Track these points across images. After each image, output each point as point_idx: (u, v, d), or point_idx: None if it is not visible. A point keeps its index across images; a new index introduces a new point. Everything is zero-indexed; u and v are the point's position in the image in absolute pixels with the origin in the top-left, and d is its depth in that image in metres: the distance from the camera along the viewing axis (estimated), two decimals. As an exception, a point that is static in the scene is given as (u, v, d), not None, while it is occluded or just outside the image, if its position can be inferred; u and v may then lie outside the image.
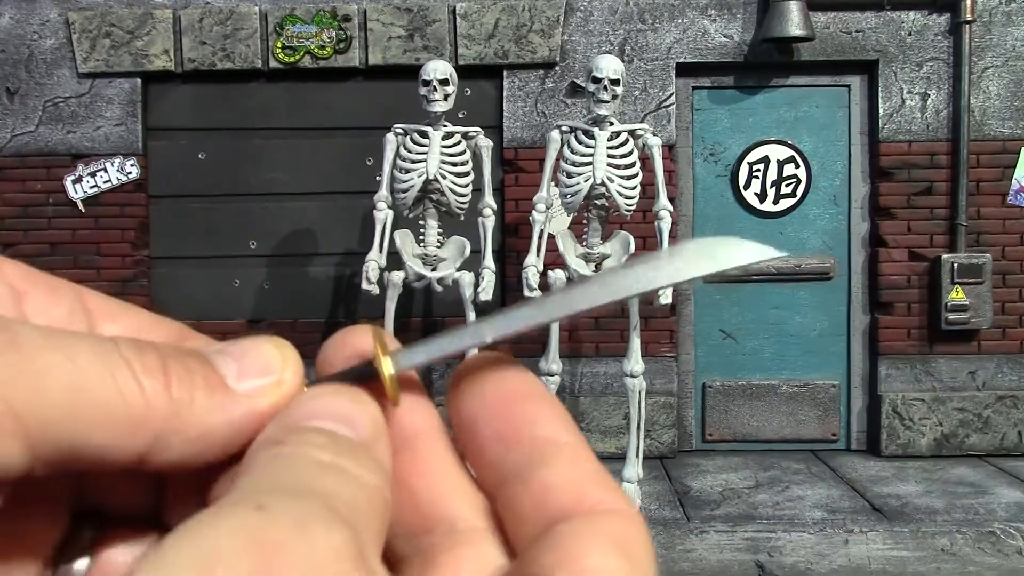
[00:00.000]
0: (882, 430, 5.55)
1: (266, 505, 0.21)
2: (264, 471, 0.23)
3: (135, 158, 5.57)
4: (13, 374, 0.22)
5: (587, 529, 0.25)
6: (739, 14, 5.55)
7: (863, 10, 5.53)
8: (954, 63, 5.52)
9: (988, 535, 4.22)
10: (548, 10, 5.52)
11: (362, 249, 4.92)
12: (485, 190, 4.53)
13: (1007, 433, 5.53)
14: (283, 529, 0.21)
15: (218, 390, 0.26)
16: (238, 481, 0.23)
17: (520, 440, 0.27)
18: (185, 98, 5.66)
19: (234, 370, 0.26)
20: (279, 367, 0.27)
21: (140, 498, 0.28)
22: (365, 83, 5.64)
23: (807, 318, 5.70)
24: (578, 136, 4.34)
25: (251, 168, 5.67)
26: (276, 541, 0.20)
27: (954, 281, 5.43)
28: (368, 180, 5.30)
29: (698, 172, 5.70)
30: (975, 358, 5.57)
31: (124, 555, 0.28)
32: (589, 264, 4.47)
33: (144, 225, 5.64)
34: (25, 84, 5.54)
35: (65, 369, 0.23)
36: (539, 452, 0.27)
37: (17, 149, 5.53)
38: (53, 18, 5.53)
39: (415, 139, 4.44)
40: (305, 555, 0.20)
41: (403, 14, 5.54)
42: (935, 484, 4.96)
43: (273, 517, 0.21)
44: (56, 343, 0.23)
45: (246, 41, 5.53)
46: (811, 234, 5.70)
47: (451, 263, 4.51)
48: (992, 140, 5.53)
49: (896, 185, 5.57)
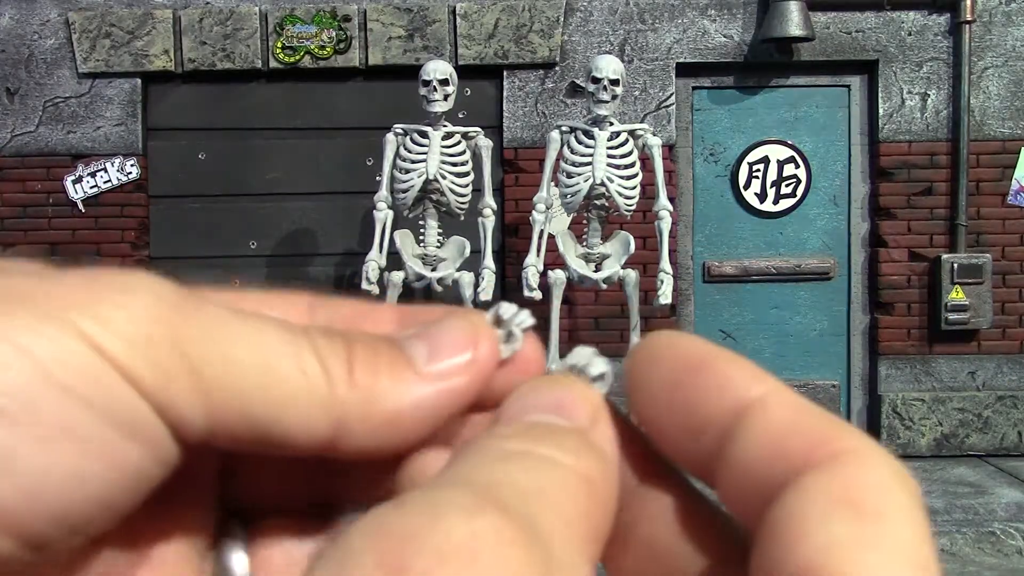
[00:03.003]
0: (882, 430, 5.55)
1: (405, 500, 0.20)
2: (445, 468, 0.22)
3: (135, 158, 5.57)
4: (199, 338, 0.22)
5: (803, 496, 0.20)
6: (739, 14, 5.55)
7: (863, 10, 5.53)
8: (954, 63, 5.52)
9: (988, 535, 4.22)
10: (548, 10, 5.52)
11: (362, 249, 4.92)
12: (485, 190, 4.53)
13: (1007, 433, 5.53)
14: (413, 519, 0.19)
15: (406, 374, 0.24)
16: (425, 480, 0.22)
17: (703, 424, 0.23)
18: (185, 98, 5.66)
19: (424, 352, 0.25)
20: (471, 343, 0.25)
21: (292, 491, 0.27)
22: (365, 83, 5.64)
23: (807, 318, 5.70)
24: (578, 136, 4.34)
25: (251, 168, 5.67)
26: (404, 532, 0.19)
27: (954, 281, 5.43)
28: (368, 180, 5.30)
29: (698, 172, 5.70)
30: (975, 358, 5.57)
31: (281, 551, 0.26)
32: (589, 264, 4.47)
33: (144, 225, 5.64)
34: (25, 84, 5.54)
35: (253, 343, 0.22)
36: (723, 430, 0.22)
37: (17, 149, 5.53)
38: (53, 18, 5.53)
39: (415, 139, 4.44)
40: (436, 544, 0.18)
41: (403, 14, 5.54)
42: (935, 484, 4.96)
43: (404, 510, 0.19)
44: (243, 317, 0.23)
45: (246, 41, 5.53)
46: (811, 234, 5.70)
47: (451, 263, 4.51)
48: (992, 140, 5.54)
49: (896, 185, 5.57)
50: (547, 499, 0.20)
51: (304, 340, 0.23)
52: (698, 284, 5.70)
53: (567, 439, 0.22)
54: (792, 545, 0.19)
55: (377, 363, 0.24)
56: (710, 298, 5.71)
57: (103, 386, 0.21)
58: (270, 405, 0.22)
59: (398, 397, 0.24)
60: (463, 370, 0.25)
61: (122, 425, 0.21)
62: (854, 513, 0.19)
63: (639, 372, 0.25)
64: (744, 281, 5.66)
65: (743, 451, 0.22)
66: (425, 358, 0.25)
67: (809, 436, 0.21)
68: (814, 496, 0.20)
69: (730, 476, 0.22)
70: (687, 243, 5.68)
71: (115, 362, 0.21)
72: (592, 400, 0.24)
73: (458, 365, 0.25)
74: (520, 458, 0.21)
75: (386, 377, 0.24)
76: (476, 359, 0.25)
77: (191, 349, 0.22)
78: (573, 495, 0.21)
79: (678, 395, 0.23)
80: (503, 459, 0.21)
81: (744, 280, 5.66)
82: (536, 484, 0.20)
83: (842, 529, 0.19)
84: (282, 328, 0.23)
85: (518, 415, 0.24)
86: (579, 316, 5.51)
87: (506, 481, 0.20)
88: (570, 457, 0.21)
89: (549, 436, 0.22)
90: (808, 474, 0.20)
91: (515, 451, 0.21)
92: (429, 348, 0.25)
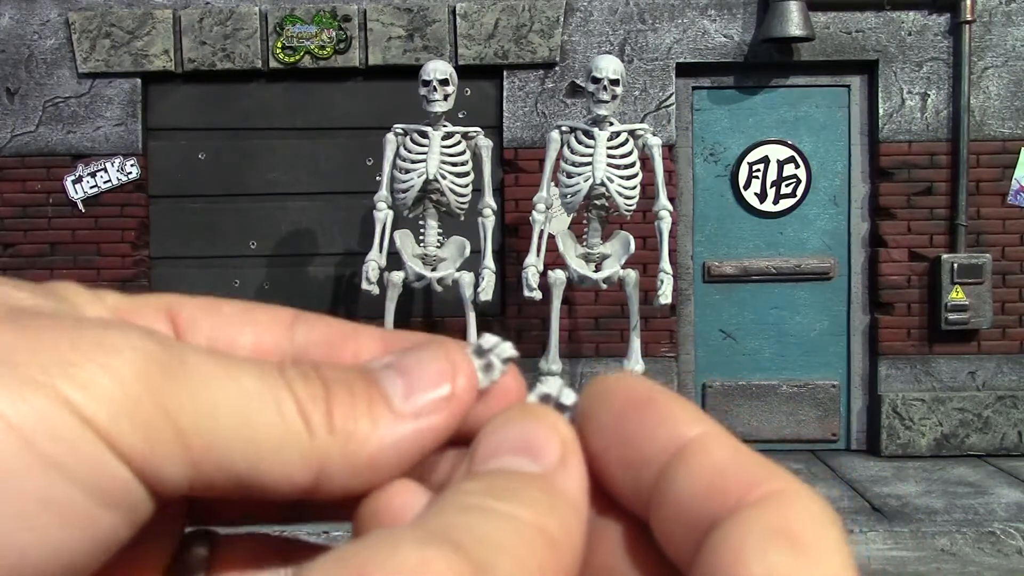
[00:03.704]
0: (882, 430, 5.55)
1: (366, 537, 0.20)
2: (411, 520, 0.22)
3: (135, 158, 5.57)
4: (180, 394, 0.21)
5: (737, 530, 0.21)
6: (739, 14, 5.55)
7: (863, 10, 5.53)
8: (954, 63, 5.52)
9: (988, 535, 4.22)
10: (548, 10, 5.52)
11: (362, 249, 4.92)
12: (485, 190, 4.53)
13: (1007, 433, 5.53)
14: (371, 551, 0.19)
15: (384, 413, 0.24)
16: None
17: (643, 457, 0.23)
18: (185, 98, 5.66)
19: (400, 388, 0.25)
20: (448, 377, 0.25)
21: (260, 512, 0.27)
22: (365, 83, 5.64)
23: (807, 318, 5.70)
24: (578, 136, 4.34)
25: (251, 168, 5.67)
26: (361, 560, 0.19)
27: (954, 281, 5.43)
28: (368, 180, 5.30)
29: (698, 172, 5.70)
30: (975, 358, 5.57)
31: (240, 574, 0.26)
32: (589, 264, 4.47)
33: (144, 225, 5.64)
34: (25, 84, 5.54)
35: (233, 394, 0.22)
36: (662, 465, 0.23)
37: (17, 149, 5.53)
38: (53, 18, 5.53)
39: (415, 139, 4.44)
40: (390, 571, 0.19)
41: (403, 14, 5.54)
42: (935, 484, 4.96)
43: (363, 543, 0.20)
44: (223, 366, 0.23)
45: (246, 41, 5.53)
46: (811, 234, 5.70)
47: (451, 263, 4.51)
48: (992, 140, 5.54)
49: (896, 185, 5.57)
50: (504, 550, 0.20)
51: (283, 387, 0.23)
52: (698, 284, 5.70)
53: (529, 491, 0.22)
54: (730, 573, 0.20)
55: (355, 404, 0.24)
56: (710, 298, 5.70)
57: (85, 456, 0.20)
58: (251, 457, 0.22)
59: (378, 440, 0.24)
60: (441, 406, 0.25)
61: (103, 494, 0.21)
62: (790, 544, 0.20)
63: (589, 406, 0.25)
64: (744, 281, 5.66)
65: (680, 486, 0.22)
66: (402, 394, 0.24)
67: (745, 476, 0.22)
68: (752, 529, 0.20)
69: (665, 510, 0.23)
70: (687, 243, 5.68)
71: (99, 430, 0.20)
72: (562, 435, 0.24)
73: (436, 401, 0.25)
74: (480, 512, 0.21)
75: (365, 419, 0.24)
76: (454, 394, 0.25)
77: (175, 408, 0.21)
78: (530, 549, 0.21)
79: (622, 429, 0.24)
80: (464, 511, 0.21)
81: (744, 280, 5.66)
82: (494, 535, 0.21)
83: (779, 559, 0.20)
84: (262, 374, 0.23)
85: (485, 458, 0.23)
86: (579, 316, 5.51)
87: (464, 527, 0.21)
88: (529, 512, 0.21)
89: (511, 489, 0.22)
90: (745, 510, 0.21)
91: (476, 505, 0.21)
92: (405, 383, 0.25)
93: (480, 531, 0.20)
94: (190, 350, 0.23)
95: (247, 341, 0.27)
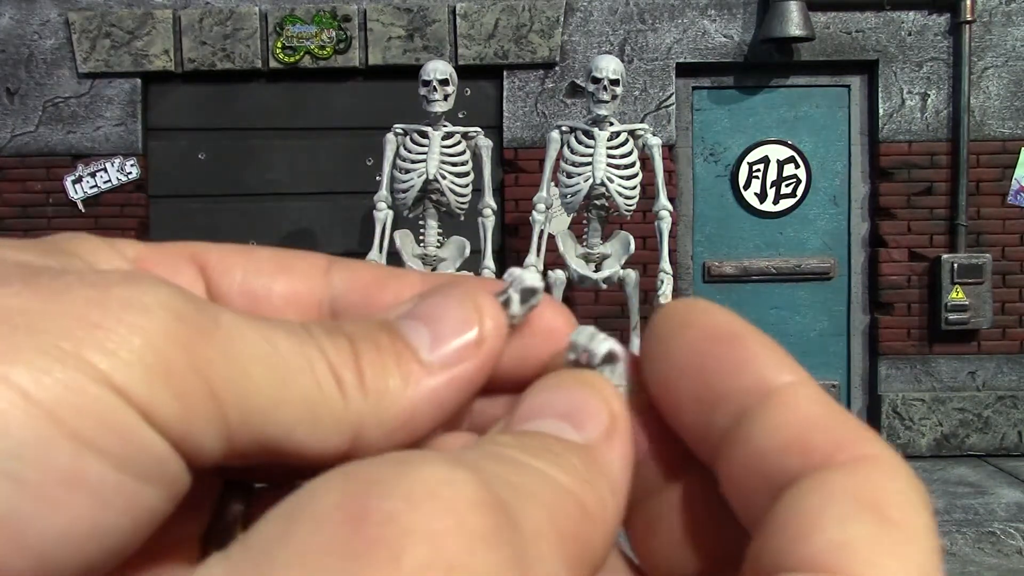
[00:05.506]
0: (882, 430, 5.55)
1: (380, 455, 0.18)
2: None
3: (135, 158, 5.57)
4: (216, 356, 0.20)
5: (819, 492, 0.19)
6: (739, 14, 5.55)
7: (863, 10, 5.53)
8: (954, 63, 5.52)
9: (988, 535, 4.22)
10: (548, 10, 5.52)
11: (362, 249, 4.92)
12: (485, 190, 4.53)
13: (1007, 433, 5.53)
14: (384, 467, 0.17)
15: (413, 369, 0.23)
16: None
17: (721, 396, 0.22)
18: (185, 98, 5.66)
19: (427, 339, 0.23)
20: (475, 321, 0.23)
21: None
22: (365, 83, 5.64)
23: (807, 318, 5.70)
24: (578, 136, 4.34)
25: (251, 168, 5.67)
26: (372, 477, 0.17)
27: (954, 281, 5.43)
28: (368, 180, 5.30)
29: (698, 172, 5.70)
30: (975, 358, 5.57)
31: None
32: (589, 264, 4.47)
33: (144, 225, 5.64)
34: (25, 84, 5.54)
35: (268, 356, 0.21)
36: (743, 409, 0.21)
37: (17, 149, 5.53)
38: (53, 18, 5.53)
39: (415, 139, 4.44)
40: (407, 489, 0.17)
41: (403, 14, 5.54)
42: (935, 484, 4.96)
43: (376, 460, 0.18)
44: (255, 326, 0.21)
45: (246, 41, 5.53)
46: (811, 234, 5.70)
47: (451, 263, 4.51)
48: (992, 140, 5.54)
49: (896, 185, 5.57)
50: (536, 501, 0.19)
51: (313, 347, 0.22)
52: (698, 284, 5.70)
53: (568, 457, 0.20)
54: (805, 536, 0.19)
55: (383, 361, 0.23)
56: (710, 298, 5.62)
57: (118, 428, 0.19)
58: (287, 423, 0.21)
59: (410, 396, 0.22)
60: (471, 352, 0.23)
61: (139, 469, 0.19)
62: (876, 517, 0.19)
63: (661, 333, 0.23)
64: (744, 281, 5.66)
65: (760, 434, 0.21)
66: (428, 344, 0.23)
67: (834, 435, 0.20)
68: (836, 493, 0.19)
69: (740, 457, 0.21)
70: (687, 243, 5.68)
71: (132, 399, 0.19)
72: (613, 408, 0.22)
73: (465, 347, 0.23)
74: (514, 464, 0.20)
75: (394, 376, 0.23)
76: (483, 337, 0.24)
77: (210, 371, 0.20)
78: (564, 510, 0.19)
79: (701, 363, 0.22)
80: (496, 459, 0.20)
81: (744, 280, 5.66)
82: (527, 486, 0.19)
83: (862, 530, 0.19)
84: (292, 335, 0.22)
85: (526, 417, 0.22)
86: (579, 316, 5.47)
87: (495, 472, 0.19)
88: (567, 477, 0.20)
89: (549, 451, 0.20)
90: (830, 471, 0.20)
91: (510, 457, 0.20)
92: (431, 332, 0.23)
93: (513, 479, 0.19)
94: (221, 309, 0.21)
95: (282, 288, 0.26)
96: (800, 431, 0.20)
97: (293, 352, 0.21)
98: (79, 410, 0.18)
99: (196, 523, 0.24)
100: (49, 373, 0.18)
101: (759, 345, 0.22)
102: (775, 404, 0.21)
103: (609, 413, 0.22)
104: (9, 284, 0.19)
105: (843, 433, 0.21)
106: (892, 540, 0.19)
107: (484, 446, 0.21)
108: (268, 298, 0.26)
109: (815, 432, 0.20)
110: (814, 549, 0.18)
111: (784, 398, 0.21)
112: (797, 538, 0.19)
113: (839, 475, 0.20)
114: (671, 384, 0.23)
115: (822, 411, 0.21)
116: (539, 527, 0.18)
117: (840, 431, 0.21)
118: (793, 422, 0.21)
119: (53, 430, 0.18)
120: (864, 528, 0.19)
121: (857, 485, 0.19)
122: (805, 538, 0.19)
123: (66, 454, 0.18)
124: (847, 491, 0.19)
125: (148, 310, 0.20)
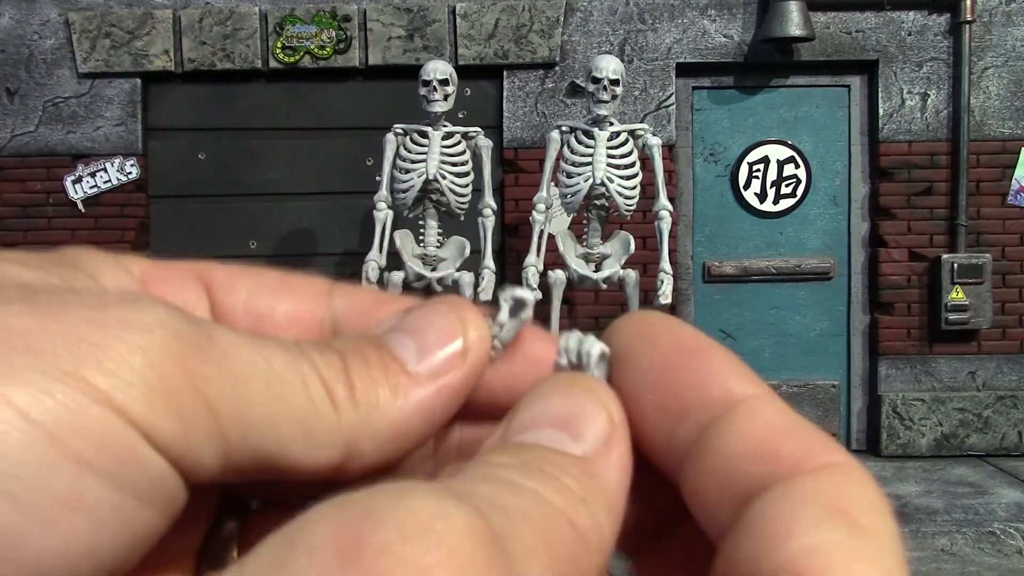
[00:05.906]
0: (882, 430, 5.55)
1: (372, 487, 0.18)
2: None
3: (135, 158, 5.57)
4: (214, 374, 0.20)
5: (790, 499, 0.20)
6: (739, 14, 5.55)
7: (863, 10, 5.53)
8: (954, 63, 5.52)
9: (988, 535, 4.22)
10: (548, 10, 5.52)
11: (362, 249, 4.92)
12: (485, 190, 4.53)
13: (1007, 433, 5.53)
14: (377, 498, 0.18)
15: (401, 380, 0.23)
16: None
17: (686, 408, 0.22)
18: (185, 98, 5.66)
19: (413, 351, 0.24)
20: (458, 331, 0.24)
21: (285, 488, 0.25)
22: (365, 83, 5.64)
23: (807, 318, 5.70)
24: (578, 136, 4.34)
25: (251, 168, 5.67)
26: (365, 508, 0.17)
27: (954, 281, 5.43)
28: (368, 180, 5.30)
29: (698, 172, 5.70)
30: (975, 358, 5.57)
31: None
32: (589, 264, 4.47)
33: (144, 225, 5.64)
34: (25, 84, 5.54)
35: (264, 373, 0.21)
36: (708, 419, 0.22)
37: (17, 149, 5.53)
38: (53, 18, 5.53)
39: (415, 139, 4.44)
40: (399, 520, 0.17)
41: (403, 14, 5.54)
42: (935, 484, 4.96)
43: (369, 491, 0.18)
44: (250, 344, 0.21)
45: (246, 41, 5.53)
46: (811, 234, 5.70)
47: (451, 263, 4.51)
48: (992, 140, 5.54)
49: (896, 185, 5.57)
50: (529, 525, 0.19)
51: (306, 363, 0.22)
52: (698, 284, 5.70)
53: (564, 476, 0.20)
54: (777, 542, 0.19)
55: (372, 374, 0.23)
56: (710, 298, 5.70)
57: (120, 450, 0.19)
58: (283, 438, 0.21)
59: (400, 406, 0.23)
60: (457, 362, 0.24)
61: (138, 489, 0.19)
62: (846, 523, 0.19)
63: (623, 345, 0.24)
64: (744, 281, 5.66)
65: (728, 443, 0.21)
66: (415, 356, 0.24)
67: (801, 443, 0.21)
68: (807, 499, 0.20)
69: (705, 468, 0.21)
70: (687, 243, 5.68)
71: (133, 419, 0.19)
72: (612, 415, 0.22)
73: (451, 357, 0.24)
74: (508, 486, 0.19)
75: (384, 388, 0.23)
76: (467, 347, 0.24)
77: (209, 389, 0.20)
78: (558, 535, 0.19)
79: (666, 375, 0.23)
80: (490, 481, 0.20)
81: (744, 280, 5.66)
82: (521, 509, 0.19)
83: (833, 535, 0.19)
84: (286, 352, 0.22)
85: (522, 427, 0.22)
86: (579, 316, 5.51)
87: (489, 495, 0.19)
88: (561, 498, 0.20)
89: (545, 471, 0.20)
90: (799, 478, 0.20)
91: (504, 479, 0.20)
92: (417, 344, 0.24)
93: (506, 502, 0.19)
94: (217, 327, 0.21)
95: (285, 308, 0.26)
96: (767, 440, 0.21)
97: (287, 368, 0.22)
98: (79, 431, 0.18)
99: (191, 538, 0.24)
100: (49, 393, 0.18)
101: (723, 358, 0.23)
102: (741, 414, 0.21)
103: (608, 420, 0.22)
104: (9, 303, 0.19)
105: (809, 442, 0.21)
106: (863, 545, 0.19)
107: (478, 467, 0.21)
108: (271, 317, 0.26)
109: (782, 441, 0.21)
110: (789, 554, 0.19)
111: (750, 408, 0.22)
112: (772, 543, 0.19)
113: (809, 482, 0.20)
114: (635, 395, 0.23)
115: (787, 421, 0.21)
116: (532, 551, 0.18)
117: (806, 440, 0.21)
118: (760, 431, 0.21)
119: (53, 451, 0.18)
120: (836, 534, 0.19)
121: (826, 492, 0.20)
122: (780, 543, 0.19)
123: (65, 475, 0.18)
124: (818, 497, 0.20)
125: (147, 329, 0.20)
